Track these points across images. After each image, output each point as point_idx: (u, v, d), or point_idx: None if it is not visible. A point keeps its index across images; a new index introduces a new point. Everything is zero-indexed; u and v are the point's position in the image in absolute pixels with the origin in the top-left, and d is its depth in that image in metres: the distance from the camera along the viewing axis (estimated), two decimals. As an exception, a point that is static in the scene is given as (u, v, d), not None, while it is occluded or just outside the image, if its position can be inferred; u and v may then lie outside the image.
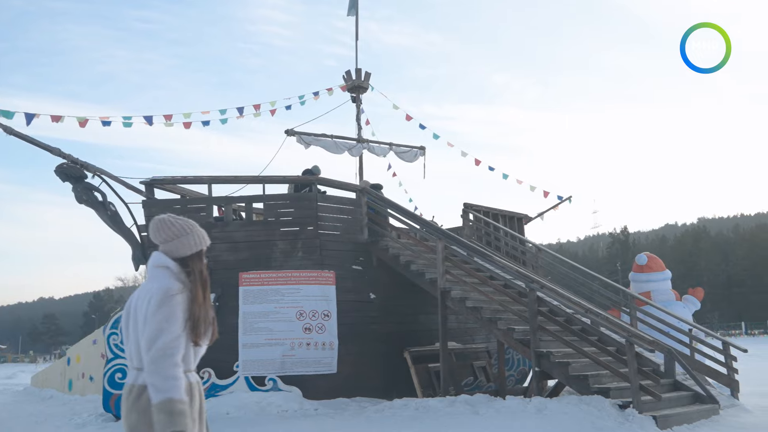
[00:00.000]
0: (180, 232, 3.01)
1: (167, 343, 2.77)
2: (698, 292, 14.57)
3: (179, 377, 2.78)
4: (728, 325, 63.02)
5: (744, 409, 9.70)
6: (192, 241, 3.01)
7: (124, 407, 2.89)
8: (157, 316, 2.79)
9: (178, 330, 2.80)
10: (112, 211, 11.28)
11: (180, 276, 2.94)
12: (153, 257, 3.01)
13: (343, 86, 16.04)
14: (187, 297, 2.89)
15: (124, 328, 3.02)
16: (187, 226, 3.04)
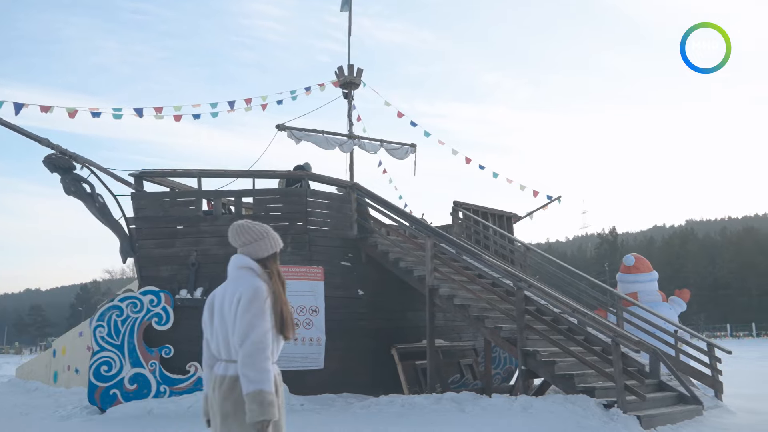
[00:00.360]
0: (258, 235, 3.28)
1: (259, 338, 2.99)
2: (684, 294, 14.68)
3: (270, 370, 3.00)
4: (714, 326, 63.52)
5: (727, 411, 9.78)
6: (269, 243, 3.28)
7: (217, 396, 3.09)
8: (248, 313, 3.02)
9: (267, 325, 3.03)
10: (100, 203, 11.22)
11: (263, 276, 3.19)
12: (235, 259, 3.27)
13: (335, 82, 16.00)
14: (271, 295, 3.12)
15: (207, 323, 3.25)
16: (263, 230, 3.30)
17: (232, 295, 3.11)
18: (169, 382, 10.61)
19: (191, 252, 11.22)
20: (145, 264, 11.35)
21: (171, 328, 10.80)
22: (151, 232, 11.36)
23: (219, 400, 3.09)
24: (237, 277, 3.21)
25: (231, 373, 3.07)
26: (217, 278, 11.48)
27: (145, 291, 10.97)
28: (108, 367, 10.58)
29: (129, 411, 10.03)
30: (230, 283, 3.21)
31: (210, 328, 3.24)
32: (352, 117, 16.00)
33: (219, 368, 3.15)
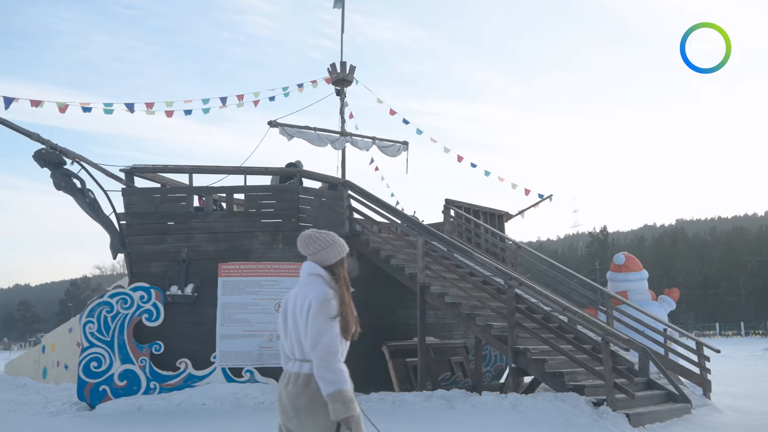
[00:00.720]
0: (325, 244, 3.43)
1: (330, 342, 3.18)
2: (674, 293, 14.75)
3: (345, 370, 3.19)
4: (703, 326, 63.78)
5: (715, 409, 9.84)
6: (336, 251, 3.43)
7: (291, 392, 3.27)
8: (318, 319, 3.21)
9: (336, 329, 3.22)
10: (90, 198, 11.16)
11: (330, 282, 3.36)
12: (306, 266, 3.45)
13: (328, 79, 15.99)
14: (337, 299, 3.29)
15: (281, 325, 3.45)
16: (330, 239, 3.46)
17: (303, 300, 3.32)
18: (159, 378, 10.58)
19: (182, 248, 11.19)
20: (135, 260, 11.31)
21: (161, 324, 10.77)
22: (141, 228, 11.32)
23: (293, 396, 3.28)
24: (307, 283, 3.40)
25: (305, 371, 3.27)
26: (207, 275, 11.56)
27: (136, 287, 10.93)
28: (98, 363, 10.54)
29: (118, 407, 10.00)
30: (301, 288, 3.41)
31: (284, 330, 3.44)
32: (344, 114, 16.01)
33: (293, 366, 3.34)
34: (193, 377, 10.64)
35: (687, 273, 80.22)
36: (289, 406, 3.30)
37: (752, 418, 9.11)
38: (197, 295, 10.98)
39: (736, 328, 59.58)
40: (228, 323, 10.83)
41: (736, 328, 59.20)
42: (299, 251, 3.49)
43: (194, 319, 10.89)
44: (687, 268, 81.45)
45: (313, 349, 3.20)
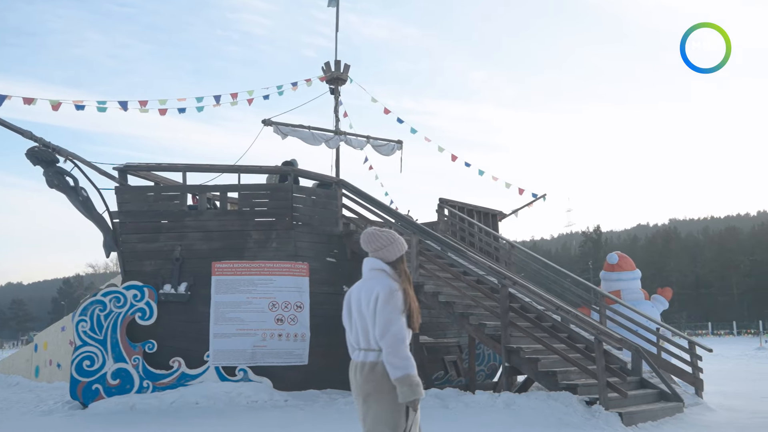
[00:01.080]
0: (387, 242, 3.70)
1: (399, 330, 3.45)
2: (666, 292, 14.82)
3: (411, 356, 3.45)
4: (695, 325, 64.04)
5: (707, 408, 9.89)
6: (396, 248, 3.70)
7: (359, 380, 3.58)
8: (386, 309, 3.47)
9: (403, 319, 3.49)
10: (83, 196, 11.12)
11: (394, 276, 3.62)
12: (368, 261, 3.72)
13: (322, 77, 15.97)
14: (402, 292, 3.55)
15: (346, 318, 3.71)
16: (391, 237, 3.73)
17: (368, 293, 3.56)
18: (153, 377, 10.56)
19: (175, 247, 11.16)
20: (128, 258, 11.28)
21: (155, 323, 10.75)
22: (135, 227, 11.29)
23: (361, 383, 3.57)
24: (371, 277, 3.66)
25: (370, 359, 3.54)
26: (201, 273, 11.53)
27: (129, 286, 10.90)
28: (90, 362, 10.51)
29: (111, 406, 9.98)
30: (365, 282, 3.67)
31: (349, 322, 3.70)
32: (338, 113, 15.99)
33: (359, 356, 3.61)
34: (186, 376, 10.62)
35: (680, 272, 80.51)
36: (358, 393, 3.61)
37: (744, 417, 9.16)
38: (190, 294, 10.95)
39: (728, 327, 59.86)
40: (221, 322, 10.81)
41: (729, 328, 59.48)
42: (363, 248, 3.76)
43: (187, 317, 10.87)
44: (680, 268, 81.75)
45: (382, 337, 3.45)
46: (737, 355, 27.59)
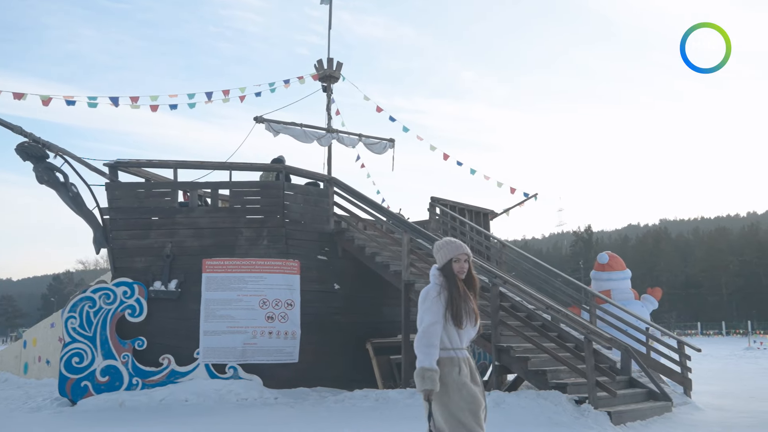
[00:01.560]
0: (436, 249, 4.19)
1: (425, 328, 3.89)
2: (656, 292, 14.89)
3: (430, 353, 3.83)
4: (685, 325, 64.39)
5: (695, 407, 9.94)
6: (442, 255, 4.11)
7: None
8: (420, 309, 4.01)
9: (433, 319, 3.90)
10: (73, 192, 11.06)
11: (440, 279, 4.06)
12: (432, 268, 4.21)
13: (315, 75, 15.95)
14: (446, 294, 3.97)
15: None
16: (440, 245, 4.19)
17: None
18: (142, 374, 10.52)
19: (166, 244, 11.13)
20: (118, 255, 11.23)
21: (144, 320, 10.71)
22: (125, 223, 11.24)
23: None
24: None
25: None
26: (191, 270, 11.49)
27: (119, 282, 10.86)
28: (79, 359, 10.47)
29: (100, 403, 9.94)
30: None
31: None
32: (330, 111, 15.98)
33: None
34: (176, 373, 10.59)
35: (670, 272, 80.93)
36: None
37: (732, 417, 9.21)
38: (181, 291, 10.92)
39: (717, 327, 60.19)
40: (212, 319, 10.78)
41: (718, 328, 59.81)
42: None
43: (178, 314, 10.84)
44: (670, 268, 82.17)
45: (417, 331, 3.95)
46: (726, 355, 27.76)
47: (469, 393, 3.89)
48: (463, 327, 3.93)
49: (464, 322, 3.93)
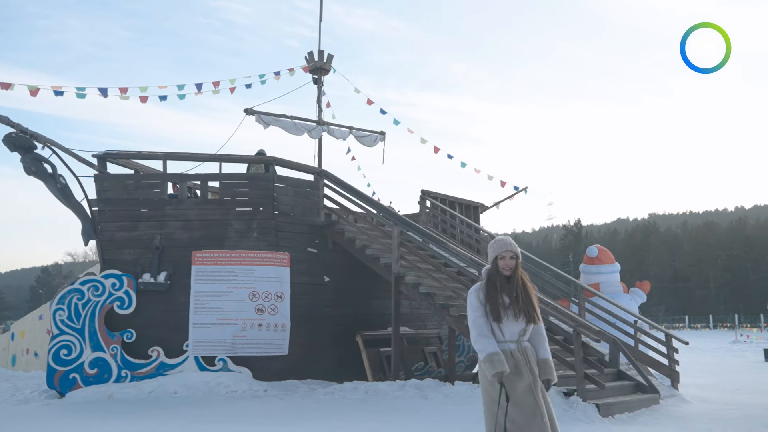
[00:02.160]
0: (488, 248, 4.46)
1: (471, 322, 4.25)
2: (645, 286, 14.97)
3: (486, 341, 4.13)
4: (673, 318, 64.88)
5: (683, 400, 10.02)
6: (489, 253, 4.38)
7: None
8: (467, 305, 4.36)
9: (473, 313, 4.25)
10: (62, 183, 10.99)
11: (485, 276, 4.35)
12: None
13: (305, 67, 15.90)
14: (485, 290, 4.25)
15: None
16: (490, 243, 4.45)
17: None
18: (131, 366, 10.49)
19: (155, 236, 11.08)
20: (107, 247, 11.18)
21: (133, 312, 10.67)
22: (114, 215, 11.18)
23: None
24: None
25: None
26: (181, 263, 11.45)
27: (107, 274, 10.81)
28: (68, 351, 10.42)
29: (89, 395, 9.91)
30: None
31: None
32: (321, 103, 15.94)
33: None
34: (165, 365, 10.56)
35: (658, 266, 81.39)
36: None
37: (718, 409, 9.30)
38: (170, 283, 10.89)
39: (705, 320, 60.65)
40: (201, 311, 10.75)
41: (705, 321, 60.27)
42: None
43: (167, 307, 10.81)
44: (658, 262, 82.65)
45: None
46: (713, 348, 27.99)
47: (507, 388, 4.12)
48: (501, 321, 4.15)
49: (502, 316, 4.15)
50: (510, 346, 4.18)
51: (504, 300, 4.18)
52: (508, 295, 4.19)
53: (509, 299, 4.18)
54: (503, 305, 4.17)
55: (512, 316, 4.17)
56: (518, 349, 4.18)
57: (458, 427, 7.19)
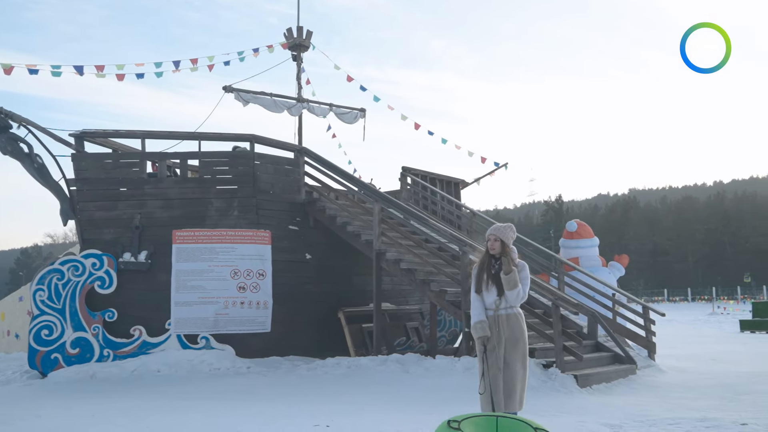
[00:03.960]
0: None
1: (471, 295, 5.17)
2: (623, 259, 15.16)
3: (474, 313, 5.06)
4: (652, 292, 65.78)
5: (659, 370, 10.24)
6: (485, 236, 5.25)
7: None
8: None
9: (472, 286, 5.14)
10: (38, 163, 10.89)
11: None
12: None
13: (284, 44, 15.75)
14: (477, 267, 5.17)
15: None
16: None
17: None
18: (113, 345, 10.50)
19: (135, 215, 11.02)
20: (86, 227, 11.11)
21: (114, 291, 10.65)
22: (92, 194, 11.10)
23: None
24: None
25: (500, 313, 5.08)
26: (161, 242, 11.43)
27: (87, 254, 10.76)
28: (49, 331, 10.40)
29: (71, 375, 9.91)
30: None
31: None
32: (301, 80, 15.83)
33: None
34: (147, 344, 10.58)
35: (638, 241, 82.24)
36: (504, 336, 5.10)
37: (692, 378, 9.52)
38: (151, 262, 10.86)
39: (683, 294, 61.60)
40: (183, 290, 10.75)
41: (684, 294, 61.21)
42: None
43: (148, 286, 10.79)
44: (638, 236, 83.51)
45: None
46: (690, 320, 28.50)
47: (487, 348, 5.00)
48: (481, 292, 5.06)
49: (482, 288, 5.05)
50: (489, 313, 5.04)
51: (484, 275, 5.04)
52: (488, 271, 5.05)
53: (487, 274, 5.04)
54: (484, 280, 5.04)
55: (491, 288, 5.03)
56: (494, 316, 5.02)
57: (438, 398, 7.31)
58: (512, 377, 4.92)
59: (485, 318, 4.99)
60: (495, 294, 5.01)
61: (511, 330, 5.02)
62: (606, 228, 71.09)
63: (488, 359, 4.92)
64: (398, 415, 6.27)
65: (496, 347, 4.94)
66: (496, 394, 4.85)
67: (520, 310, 5.18)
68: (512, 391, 4.91)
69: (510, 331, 5.02)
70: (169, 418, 6.44)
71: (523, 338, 5.09)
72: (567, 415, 6.37)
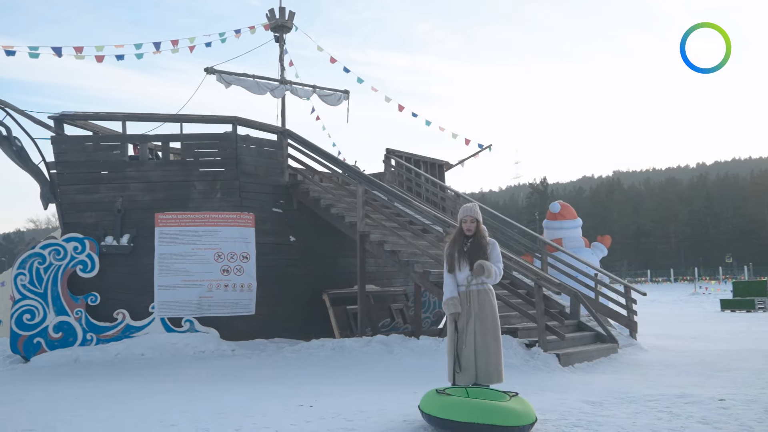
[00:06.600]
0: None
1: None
2: (606, 240, 15.31)
3: (446, 290, 5.35)
4: (635, 272, 66.45)
5: (640, 348, 10.37)
6: (458, 217, 5.49)
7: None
8: None
9: (444, 265, 5.43)
10: (17, 146, 10.73)
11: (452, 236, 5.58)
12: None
13: (266, 25, 15.62)
14: (449, 246, 5.47)
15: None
16: (460, 209, 5.51)
17: None
18: (96, 329, 10.45)
19: (116, 198, 10.93)
20: (67, 210, 11.00)
21: (97, 275, 10.58)
22: (73, 178, 10.99)
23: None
24: None
25: (471, 288, 5.37)
26: (144, 225, 11.35)
27: (69, 238, 10.67)
28: (31, 316, 10.33)
29: (54, 359, 9.86)
30: None
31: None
32: (283, 61, 15.73)
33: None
34: (131, 328, 10.55)
35: (622, 222, 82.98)
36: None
37: (672, 356, 9.65)
38: (133, 246, 10.80)
39: (666, 274, 62.33)
40: (166, 273, 10.71)
41: (666, 275, 61.94)
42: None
43: (131, 269, 10.74)
44: (622, 218, 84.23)
45: None
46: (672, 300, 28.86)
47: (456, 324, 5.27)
48: (453, 271, 5.29)
49: (455, 266, 5.30)
50: (461, 289, 5.29)
51: (456, 254, 5.29)
52: (459, 249, 5.29)
53: (459, 253, 5.28)
54: (456, 258, 5.30)
55: (464, 266, 5.26)
56: (465, 292, 5.28)
57: (421, 377, 7.36)
58: (485, 351, 5.15)
59: (457, 294, 5.25)
60: (468, 271, 5.24)
61: (480, 305, 5.25)
62: (590, 210, 71.62)
63: (459, 336, 5.16)
64: (382, 395, 6.30)
65: (466, 324, 5.19)
66: (468, 369, 5.11)
67: (491, 286, 5.38)
68: (487, 363, 5.15)
69: (479, 306, 5.25)
70: (152, 400, 6.43)
71: (492, 312, 5.30)
72: (549, 393, 6.43)
